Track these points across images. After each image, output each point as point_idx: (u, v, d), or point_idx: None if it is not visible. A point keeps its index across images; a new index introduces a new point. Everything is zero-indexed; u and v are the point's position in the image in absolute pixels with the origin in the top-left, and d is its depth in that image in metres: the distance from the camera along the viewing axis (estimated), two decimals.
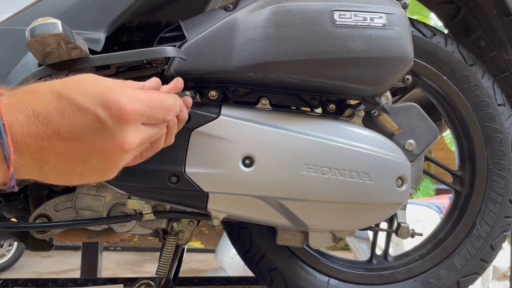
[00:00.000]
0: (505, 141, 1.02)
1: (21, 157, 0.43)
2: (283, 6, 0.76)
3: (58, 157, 0.45)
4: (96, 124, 0.46)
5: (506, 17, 0.98)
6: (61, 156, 0.45)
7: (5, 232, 0.90)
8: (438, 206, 2.28)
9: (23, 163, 0.44)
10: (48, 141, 0.44)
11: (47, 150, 0.44)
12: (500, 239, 1.04)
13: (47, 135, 0.44)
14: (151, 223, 0.88)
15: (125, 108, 0.47)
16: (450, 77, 1.01)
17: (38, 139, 0.44)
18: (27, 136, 0.43)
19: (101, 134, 0.46)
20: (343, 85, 0.79)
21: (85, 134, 0.45)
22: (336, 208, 0.80)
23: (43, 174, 0.46)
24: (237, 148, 0.77)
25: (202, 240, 5.61)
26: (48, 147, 0.44)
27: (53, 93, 0.45)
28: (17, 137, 0.43)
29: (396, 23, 0.79)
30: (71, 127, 0.45)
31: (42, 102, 0.44)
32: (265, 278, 1.02)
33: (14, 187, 0.44)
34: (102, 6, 0.78)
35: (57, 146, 0.44)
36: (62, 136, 0.44)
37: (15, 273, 4.12)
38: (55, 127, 0.44)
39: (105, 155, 0.47)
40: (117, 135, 0.47)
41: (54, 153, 0.45)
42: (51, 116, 0.44)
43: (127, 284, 1.33)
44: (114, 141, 0.47)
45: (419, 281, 1.03)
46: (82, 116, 0.45)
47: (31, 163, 0.44)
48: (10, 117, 0.42)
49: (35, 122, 0.43)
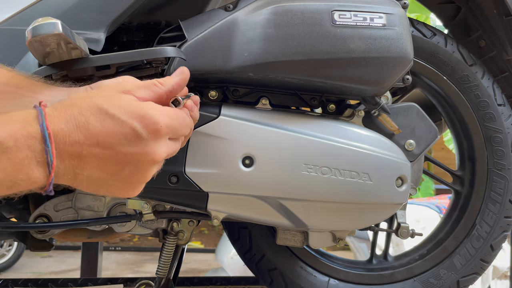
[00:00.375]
0: (505, 141, 1.02)
1: (62, 163, 0.47)
2: (283, 6, 0.76)
3: (94, 165, 0.49)
4: (132, 137, 0.50)
5: (506, 17, 0.98)
6: (96, 164, 0.50)
7: (5, 232, 0.90)
8: (438, 206, 2.28)
9: (63, 169, 0.48)
10: (87, 149, 0.48)
11: (85, 159, 0.49)
12: (500, 239, 1.04)
13: (86, 144, 0.48)
14: (151, 223, 0.88)
15: (159, 123, 0.52)
16: (450, 77, 1.01)
17: (78, 148, 0.48)
18: (69, 145, 0.47)
19: (136, 146, 0.51)
20: (343, 85, 0.79)
21: (122, 145, 0.50)
22: (336, 208, 0.80)
23: (77, 181, 0.50)
24: (237, 148, 0.77)
25: (202, 240, 5.61)
26: (86, 156, 0.49)
27: (94, 107, 0.50)
28: (59, 145, 0.47)
29: (396, 23, 0.79)
30: (109, 139, 0.49)
31: (83, 116, 0.49)
32: (265, 278, 1.02)
33: (51, 191, 0.48)
34: (102, 6, 0.78)
35: (94, 155, 0.49)
36: (101, 146, 0.49)
37: (15, 273, 4.12)
38: (95, 137, 0.49)
39: (137, 166, 0.52)
40: (150, 147, 0.52)
41: (91, 161, 0.49)
42: (91, 128, 0.49)
43: (127, 284, 1.33)
44: (147, 152, 0.52)
45: (419, 281, 1.03)
46: (120, 128, 0.50)
47: (69, 170, 0.48)
48: (54, 127, 0.47)
49: (76, 132, 0.48)
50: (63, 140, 0.47)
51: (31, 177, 0.46)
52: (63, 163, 0.48)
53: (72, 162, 0.48)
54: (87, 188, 0.52)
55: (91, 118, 0.49)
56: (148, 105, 0.53)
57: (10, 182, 0.45)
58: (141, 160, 0.52)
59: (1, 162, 0.44)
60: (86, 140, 0.48)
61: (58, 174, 0.48)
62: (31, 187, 0.47)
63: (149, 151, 0.52)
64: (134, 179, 0.53)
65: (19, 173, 0.45)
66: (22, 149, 0.45)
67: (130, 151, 0.51)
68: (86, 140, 0.48)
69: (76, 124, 0.48)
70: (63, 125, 0.47)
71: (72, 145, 0.48)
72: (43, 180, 0.47)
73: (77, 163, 0.49)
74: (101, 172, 0.50)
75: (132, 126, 0.50)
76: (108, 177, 0.51)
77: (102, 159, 0.49)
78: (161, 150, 0.53)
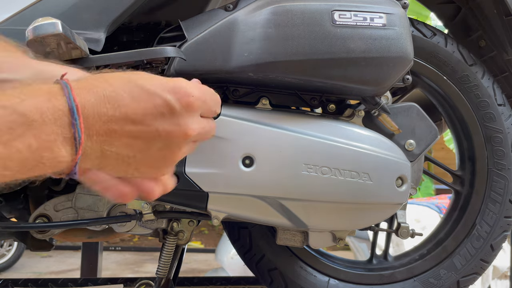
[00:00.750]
0: (505, 141, 1.02)
1: (89, 140, 0.44)
2: (283, 6, 0.76)
3: (123, 141, 0.46)
4: (164, 109, 0.48)
5: (506, 17, 0.98)
6: (126, 140, 0.46)
7: (5, 232, 0.90)
8: (438, 206, 2.28)
9: (90, 146, 0.44)
10: (116, 123, 0.45)
11: (114, 134, 0.45)
12: (500, 239, 1.04)
13: (115, 117, 0.45)
14: (151, 223, 0.88)
15: (192, 95, 0.50)
16: (450, 77, 1.01)
17: (107, 122, 0.45)
18: (98, 118, 0.44)
19: (168, 119, 0.48)
20: (343, 85, 0.79)
21: (153, 118, 0.47)
22: (336, 208, 0.80)
23: (104, 160, 0.46)
24: (237, 148, 0.77)
25: (202, 240, 5.61)
26: (115, 130, 0.45)
27: (123, 79, 0.47)
28: (88, 118, 0.43)
29: (396, 23, 0.79)
30: (140, 111, 0.46)
31: (111, 87, 0.46)
32: (265, 278, 1.02)
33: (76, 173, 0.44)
34: (102, 6, 0.78)
35: (124, 129, 0.46)
36: (131, 118, 0.46)
37: (15, 273, 4.13)
38: (124, 110, 0.45)
39: (169, 141, 0.49)
40: (183, 120, 0.49)
41: (120, 136, 0.46)
42: (121, 99, 0.45)
43: (127, 284, 1.33)
44: (179, 126, 0.49)
45: (419, 281, 1.03)
46: (151, 100, 0.47)
47: (97, 147, 0.45)
48: (81, 99, 0.43)
49: (105, 104, 0.44)
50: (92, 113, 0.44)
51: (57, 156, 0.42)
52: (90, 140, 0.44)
53: (100, 138, 0.45)
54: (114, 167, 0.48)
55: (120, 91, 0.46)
56: (179, 79, 0.51)
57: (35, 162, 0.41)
58: (173, 135, 0.49)
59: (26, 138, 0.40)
60: (115, 112, 0.45)
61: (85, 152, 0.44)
62: (55, 169, 0.43)
63: (182, 125, 0.49)
64: (165, 157, 0.50)
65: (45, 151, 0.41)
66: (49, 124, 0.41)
67: (162, 125, 0.48)
68: (116, 113, 0.45)
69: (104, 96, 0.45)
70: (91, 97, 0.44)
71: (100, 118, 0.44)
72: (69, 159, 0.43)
73: (106, 139, 0.45)
74: (131, 148, 0.47)
75: (165, 98, 0.48)
76: (138, 154, 0.48)
77: (132, 134, 0.46)
78: (194, 125, 0.51)
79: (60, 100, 0.42)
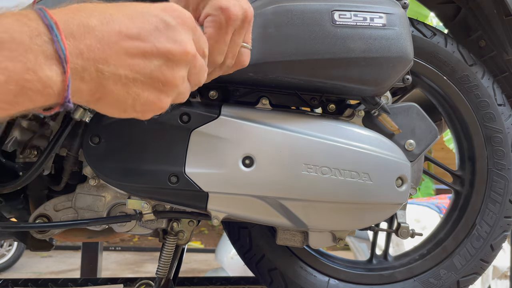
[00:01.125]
0: (505, 141, 1.02)
1: (79, 57, 0.40)
2: (283, 6, 0.76)
3: (119, 58, 0.43)
4: (159, 24, 0.46)
5: (506, 17, 0.98)
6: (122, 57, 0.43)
7: (5, 232, 0.90)
8: (438, 206, 2.28)
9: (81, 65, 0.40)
10: (108, 39, 0.42)
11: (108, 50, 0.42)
12: (500, 239, 1.04)
13: (107, 32, 0.42)
14: (151, 223, 0.88)
15: (184, 12, 0.49)
16: (450, 77, 1.01)
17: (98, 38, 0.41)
18: (86, 32, 0.40)
19: (164, 33, 0.46)
20: (343, 85, 0.79)
21: (149, 33, 0.45)
22: (336, 208, 0.80)
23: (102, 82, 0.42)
24: (237, 148, 0.77)
25: (202, 240, 5.61)
26: (109, 46, 0.42)
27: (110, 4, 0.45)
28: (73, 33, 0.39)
29: (396, 23, 0.79)
30: (134, 26, 0.44)
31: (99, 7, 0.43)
32: (265, 278, 1.02)
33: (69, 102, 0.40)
34: None
35: (119, 45, 0.42)
36: (125, 33, 0.43)
37: (15, 273, 4.13)
38: (117, 25, 0.43)
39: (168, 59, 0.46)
40: (179, 37, 0.47)
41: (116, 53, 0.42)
42: (112, 16, 0.43)
43: (127, 284, 1.33)
44: (178, 42, 0.46)
45: (419, 281, 1.03)
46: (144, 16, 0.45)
47: (90, 66, 0.41)
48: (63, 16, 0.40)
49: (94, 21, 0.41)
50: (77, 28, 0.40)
51: (41, 76, 0.38)
52: (81, 57, 0.40)
53: (92, 54, 0.41)
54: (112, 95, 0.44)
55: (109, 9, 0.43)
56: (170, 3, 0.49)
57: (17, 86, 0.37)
58: (173, 51, 0.46)
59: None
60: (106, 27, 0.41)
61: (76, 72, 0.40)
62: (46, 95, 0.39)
63: (180, 41, 0.47)
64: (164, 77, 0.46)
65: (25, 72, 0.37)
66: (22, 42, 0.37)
67: (160, 40, 0.45)
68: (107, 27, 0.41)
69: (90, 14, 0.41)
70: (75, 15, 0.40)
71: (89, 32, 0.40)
72: (58, 80, 0.39)
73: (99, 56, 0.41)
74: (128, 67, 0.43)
75: (158, 14, 0.46)
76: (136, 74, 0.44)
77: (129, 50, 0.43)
78: (191, 45, 0.48)
79: (33, 20, 0.38)
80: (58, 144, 0.78)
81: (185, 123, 0.78)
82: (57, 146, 0.78)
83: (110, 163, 0.78)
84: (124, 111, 0.46)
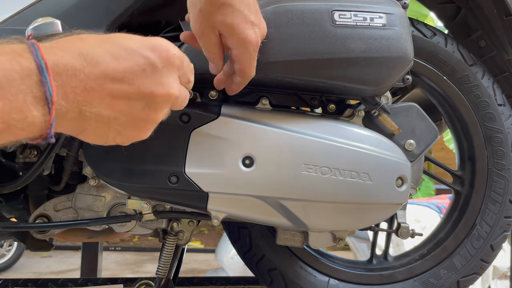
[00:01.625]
0: (505, 141, 1.02)
1: (64, 99, 0.41)
2: (283, 6, 0.76)
3: (104, 100, 0.44)
4: (146, 66, 0.46)
5: (506, 17, 0.98)
6: (106, 100, 0.44)
7: (5, 232, 0.90)
8: (438, 206, 2.28)
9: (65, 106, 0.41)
10: (94, 81, 0.42)
11: (93, 92, 0.43)
12: (500, 239, 1.04)
13: (94, 74, 0.42)
14: (151, 223, 0.88)
15: (172, 52, 0.49)
16: (450, 77, 1.01)
17: (84, 80, 0.42)
18: (73, 75, 0.41)
19: (150, 77, 0.46)
20: (343, 85, 0.79)
21: (134, 76, 0.45)
22: (336, 208, 0.80)
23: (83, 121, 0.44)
24: (237, 148, 0.77)
25: (202, 240, 5.61)
26: (94, 89, 0.43)
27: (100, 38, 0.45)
28: (61, 75, 0.41)
29: (396, 23, 0.79)
30: (120, 68, 0.44)
31: (87, 44, 0.43)
32: (265, 278, 1.02)
33: (52, 137, 0.41)
34: (102, 6, 0.78)
35: (104, 88, 0.43)
36: (111, 76, 0.44)
37: (15, 273, 4.13)
38: (103, 67, 0.43)
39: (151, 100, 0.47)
40: (165, 79, 0.48)
41: (100, 95, 0.43)
42: (99, 56, 0.43)
43: (127, 284, 1.33)
44: (162, 85, 0.47)
45: (419, 281, 1.03)
46: (131, 57, 0.45)
47: (74, 107, 0.42)
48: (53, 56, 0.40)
49: (81, 61, 0.42)
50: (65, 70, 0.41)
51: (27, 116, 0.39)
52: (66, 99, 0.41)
53: (78, 97, 0.42)
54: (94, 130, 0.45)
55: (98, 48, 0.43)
56: (157, 38, 0.49)
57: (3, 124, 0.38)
58: (157, 94, 0.47)
59: None
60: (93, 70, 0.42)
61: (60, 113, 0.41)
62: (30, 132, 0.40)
63: (165, 84, 0.47)
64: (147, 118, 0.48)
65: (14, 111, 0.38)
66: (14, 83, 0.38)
67: (145, 84, 0.46)
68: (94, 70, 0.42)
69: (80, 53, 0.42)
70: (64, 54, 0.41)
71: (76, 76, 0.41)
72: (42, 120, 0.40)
73: (84, 98, 0.42)
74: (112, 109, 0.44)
75: (146, 55, 0.46)
76: (119, 115, 0.45)
77: (113, 93, 0.44)
78: (176, 86, 0.49)
79: (26, 58, 0.39)
80: (58, 144, 0.78)
81: (185, 123, 0.78)
82: (57, 146, 0.78)
83: (110, 163, 0.78)
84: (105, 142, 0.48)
